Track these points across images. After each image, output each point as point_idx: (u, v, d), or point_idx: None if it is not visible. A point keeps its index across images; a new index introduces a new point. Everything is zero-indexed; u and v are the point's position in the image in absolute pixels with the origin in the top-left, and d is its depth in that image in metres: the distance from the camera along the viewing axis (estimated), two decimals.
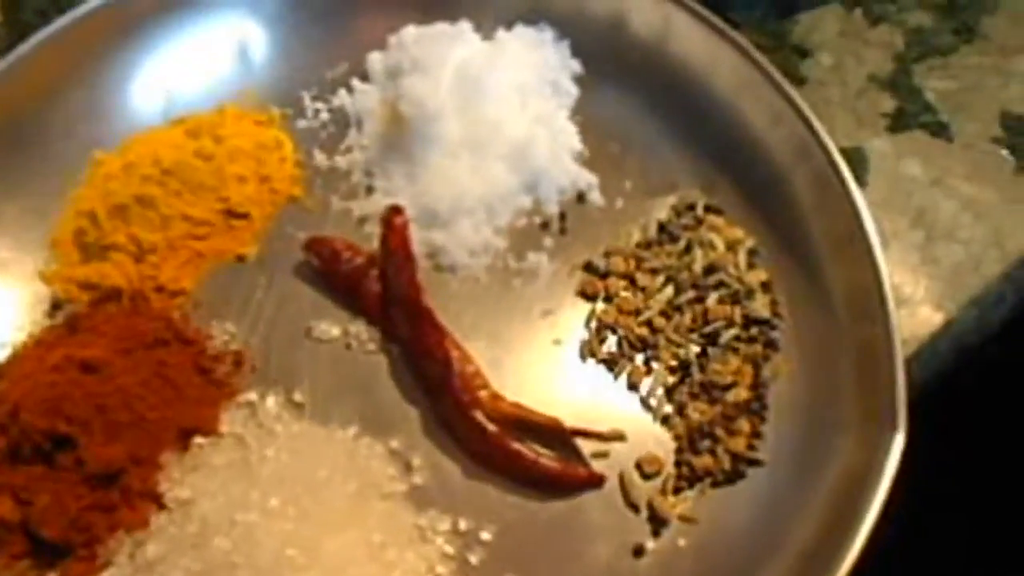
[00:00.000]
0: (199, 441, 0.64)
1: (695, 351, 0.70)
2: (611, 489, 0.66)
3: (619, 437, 0.67)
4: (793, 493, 0.65)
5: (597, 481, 0.65)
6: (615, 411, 0.68)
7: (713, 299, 0.71)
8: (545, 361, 0.70)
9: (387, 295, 0.70)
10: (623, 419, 0.68)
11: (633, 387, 0.69)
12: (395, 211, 0.69)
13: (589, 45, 0.80)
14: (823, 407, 0.67)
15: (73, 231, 0.72)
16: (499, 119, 0.75)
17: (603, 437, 0.67)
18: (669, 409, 0.68)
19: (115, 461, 0.62)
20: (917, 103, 0.84)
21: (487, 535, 0.63)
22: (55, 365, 0.64)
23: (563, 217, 0.75)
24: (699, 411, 0.68)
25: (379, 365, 0.69)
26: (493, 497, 0.65)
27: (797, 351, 0.70)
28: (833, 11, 0.89)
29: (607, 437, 0.67)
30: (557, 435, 0.66)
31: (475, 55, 0.77)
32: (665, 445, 0.67)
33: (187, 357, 0.67)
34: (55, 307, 0.70)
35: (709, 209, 0.75)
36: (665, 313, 0.71)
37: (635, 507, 0.65)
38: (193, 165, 0.73)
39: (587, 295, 0.72)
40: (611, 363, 0.70)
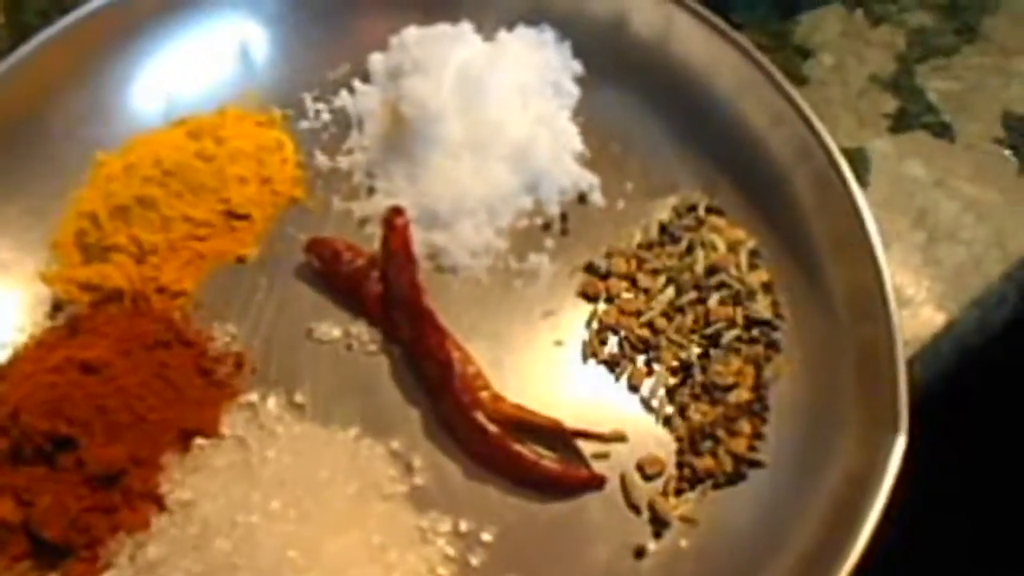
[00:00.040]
0: (200, 442, 0.64)
1: (696, 352, 0.70)
2: (612, 490, 0.66)
3: (620, 438, 0.67)
4: (794, 494, 0.65)
5: (598, 482, 0.65)
6: (616, 412, 0.68)
7: (714, 300, 0.71)
8: (546, 362, 0.70)
9: (388, 296, 0.70)
10: (624, 420, 0.68)
11: (634, 388, 0.69)
12: (396, 212, 0.69)
13: (590, 46, 0.80)
14: (824, 408, 0.67)
15: (74, 232, 0.72)
16: (500, 120, 0.75)
17: (604, 438, 0.67)
18: (670, 410, 0.68)
19: (116, 462, 0.62)
20: (919, 103, 0.84)
21: (488, 536, 0.63)
22: (56, 366, 0.64)
23: (564, 218, 0.75)
24: (700, 412, 0.68)
25: (380, 366, 0.69)
26: (494, 498, 0.65)
27: (799, 352, 0.70)
28: (834, 11, 0.89)
29: (608, 438, 0.67)
30: (558, 436, 0.66)
31: (476, 56, 0.77)
32: (666, 446, 0.67)
33: (188, 358, 0.67)
34: (56, 308, 0.70)
35: (710, 210, 0.75)
36: (666, 314, 0.71)
37: (636, 508, 0.65)
38: (194, 166, 0.73)
39: (588, 296, 0.72)
40: (612, 364, 0.70)
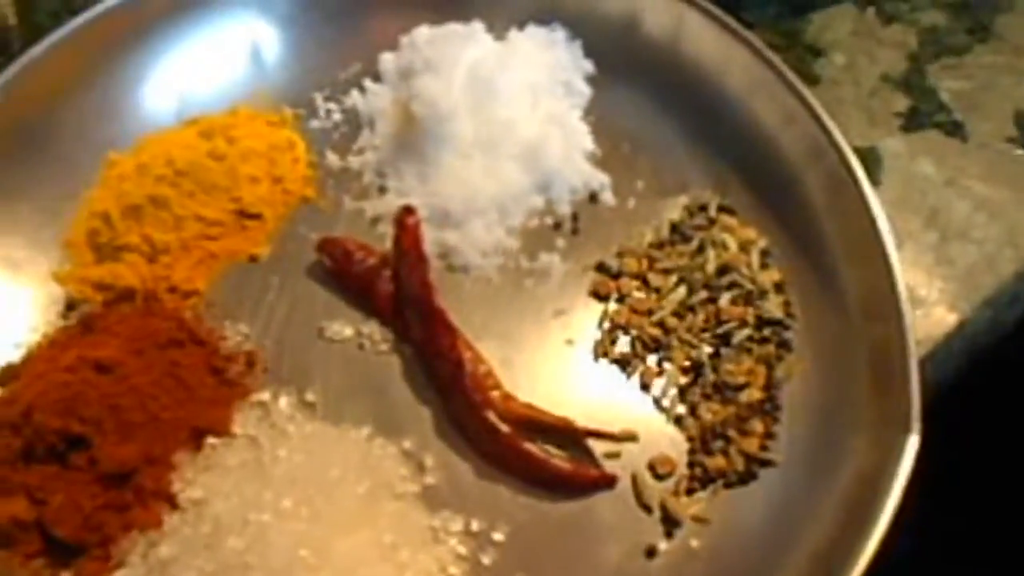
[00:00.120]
0: (212, 441, 0.64)
1: (708, 351, 0.70)
2: (623, 490, 0.66)
3: (631, 438, 0.67)
4: (806, 494, 0.65)
5: (609, 482, 0.65)
6: (627, 411, 0.68)
7: (726, 299, 0.71)
8: (557, 361, 0.70)
9: (399, 295, 0.70)
10: (635, 419, 0.68)
11: (646, 387, 0.69)
12: (407, 211, 0.69)
13: (601, 45, 0.80)
14: (836, 408, 0.67)
15: (87, 232, 0.72)
16: (511, 119, 0.75)
17: (615, 438, 0.66)
18: (682, 410, 0.68)
19: (128, 461, 0.62)
20: (931, 102, 0.84)
21: (499, 536, 0.63)
22: (69, 365, 0.64)
23: (575, 217, 0.75)
24: (712, 412, 0.68)
25: (391, 365, 0.69)
26: (505, 498, 0.65)
27: (810, 352, 0.70)
28: (846, 10, 0.89)
29: (619, 438, 0.66)
30: (569, 435, 0.66)
31: (487, 55, 0.77)
32: (678, 446, 0.67)
33: (200, 357, 0.67)
34: (69, 307, 0.70)
35: (722, 209, 0.75)
36: (678, 313, 0.71)
37: (647, 508, 0.65)
38: (206, 166, 0.73)
39: (599, 295, 0.72)
40: (623, 363, 0.70)
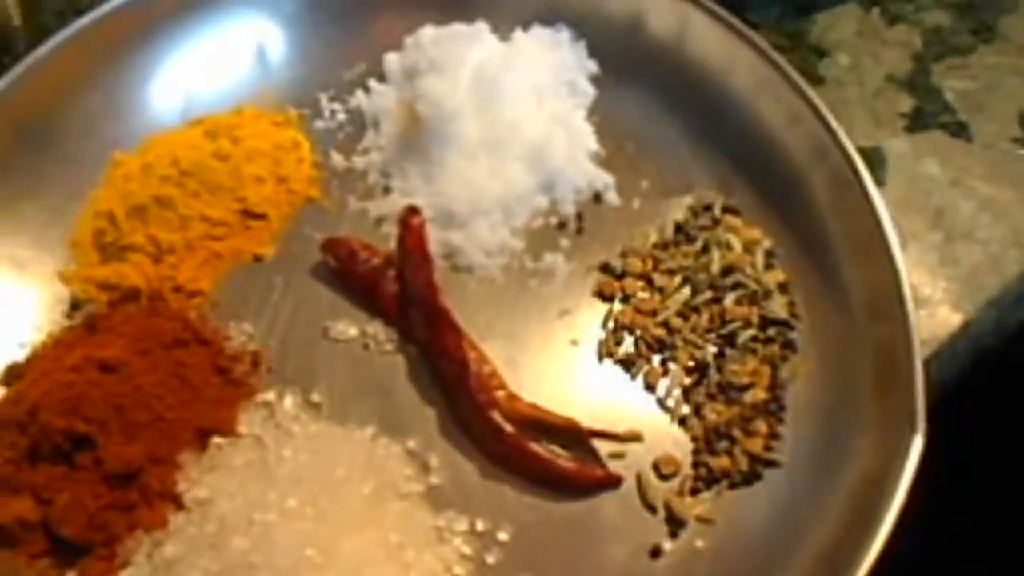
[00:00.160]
0: (217, 441, 0.64)
1: (712, 352, 0.70)
2: (628, 490, 0.66)
3: (636, 438, 0.67)
4: (811, 494, 0.65)
5: (614, 482, 0.65)
6: (632, 412, 0.68)
7: (730, 300, 0.71)
8: (562, 362, 0.70)
9: (404, 295, 0.70)
10: (640, 420, 0.68)
11: (650, 388, 0.69)
12: (412, 211, 0.69)
13: (606, 45, 0.80)
14: (841, 408, 0.67)
15: (92, 232, 0.73)
16: (516, 120, 0.75)
17: (620, 438, 0.66)
18: (686, 410, 0.68)
19: (134, 461, 0.62)
20: (935, 103, 0.84)
21: (504, 536, 0.63)
22: (74, 365, 0.64)
23: (580, 217, 0.75)
24: (716, 412, 0.68)
25: (396, 365, 0.70)
26: (510, 498, 0.65)
27: (815, 352, 0.70)
28: (850, 11, 0.89)
29: (624, 438, 0.67)
30: (574, 436, 0.66)
31: (492, 56, 0.77)
32: (682, 446, 0.67)
33: (205, 357, 0.67)
34: (74, 307, 0.71)
35: (726, 209, 0.75)
36: (682, 314, 0.71)
37: (652, 508, 0.65)
38: (211, 166, 0.73)
39: (604, 295, 0.72)
40: (628, 364, 0.70)
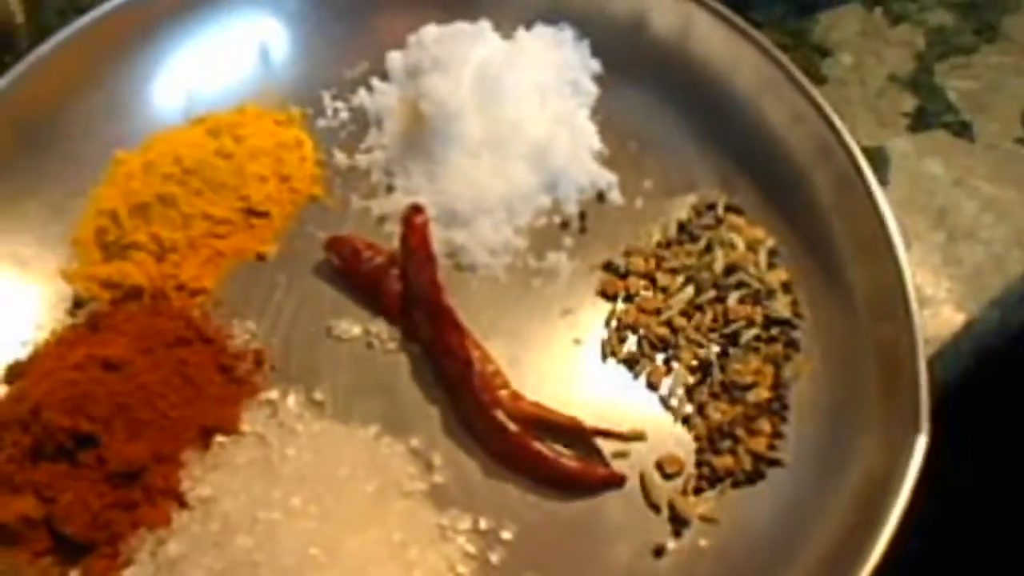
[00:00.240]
0: (220, 439, 0.64)
1: (715, 351, 0.70)
2: (631, 489, 0.65)
3: (639, 437, 0.67)
4: (815, 494, 0.65)
5: (617, 481, 0.65)
6: (635, 411, 0.68)
7: (734, 299, 0.71)
8: (565, 360, 0.70)
9: (407, 294, 0.70)
10: (643, 419, 0.68)
11: (653, 387, 0.69)
12: (415, 210, 0.69)
13: (609, 44, 0.80)
14: (845, 408, 0.67)
15: (95, 230, 0.73)
16: (519, 118, 0.75)
17: (623, 437, 0.66)
18: (690, 409, 0.68)
19: (137, 459, 0.62)
20: (938, 102, 0.84)
21: (507, 534, 0.63)
22: (77, 363, 0.64)
23: (583, 216, 0.75)
24: (720, 411, 0.68)
25: (399, 364, 0.69)
26: (514, 496, 0.65)
27: (818, 351, 0.70)
28: (853, 10, 0.89)
29: (627, 437, 0.66)
30: (577, 435, 0.66)
31: (495, 54, 0.77)
32: (686, 445, 0.67)
33: (208, 356, 0.67)
34: (77, 305, 0.70)
35: (729, 209, 0.75)
36: (685, 313, 0.71)
37: (656, 507, 0.65)
38: (214, 164, 0.73)
39: (607, 295, 0.72)
40: (631, 363, 0.70)
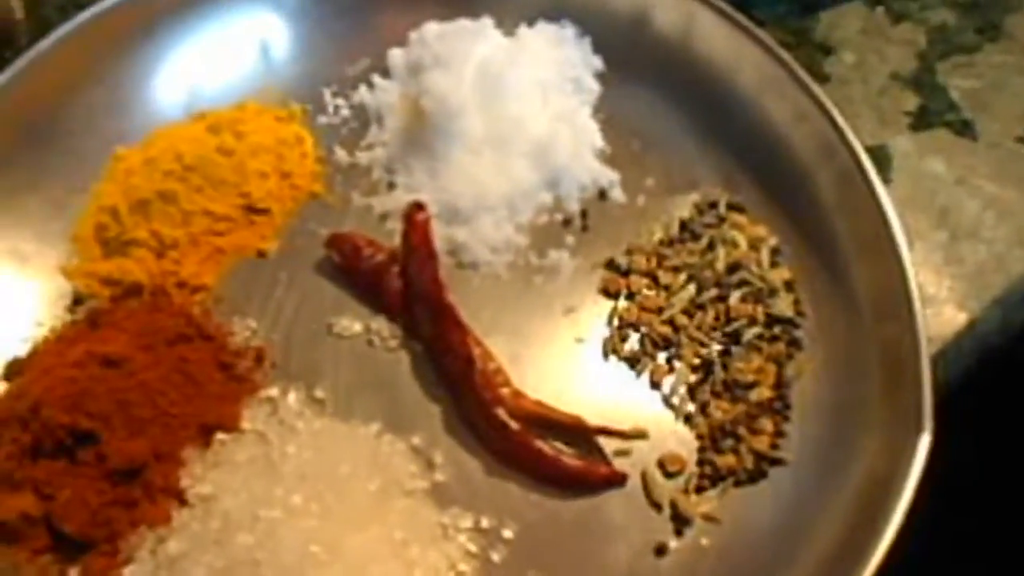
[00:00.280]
0: (221, 437, 0.64)
1: (718, 349, 0.69)
2: (633, 488, 0.65)
3: (641, 435, 0.67)
4: (817, 493, 0.64)
5: (619, 479, 0.65)
6: (637, 409, 0.68)
7: (736, 297, 0.71)
8: (567, 359, 0.70)
9: (409, 292, 0.69)
10: (645, 417, 0.68)
11: (655, 385, 0.69)
12: (417, 207, 0.69)
13: (611, 42, 0.80)
14: (847, 407, 0.67)
15: (95, 226, 0.72)
16: (521, 116, 0.75)
17: (625, 435, 0.66)
18: (692, 408, 0.68)
19: (137, 457, 0.62)
20: (940, 101, 0.84)
21: (509, 533, 0.63)
22: (76, 360, 0.64)
23: (585, 214, 0.75)
24: (722, 410, 0.67)
25: (401, 362, 0.69)
26: (515, 495, 0.65)
27: (821, 350, 0.69)
28: (855, 9, 0.89)
29: (629, 435, 0.66)
30: (579, 433, 0.66)
31: (497, 52, 0.76)
32: (688, 444, 0.67)
33: (208, 353, 0.67)
34: (76, 302, 0.70)
35: (732, 207, 0.75)
36: (687, 311, 0.71)
37: (657, 506, 0.65)
38: (214, 161, 0.73)
39: (609, 293, 0.72)
40: (633, 361, 0.69)
